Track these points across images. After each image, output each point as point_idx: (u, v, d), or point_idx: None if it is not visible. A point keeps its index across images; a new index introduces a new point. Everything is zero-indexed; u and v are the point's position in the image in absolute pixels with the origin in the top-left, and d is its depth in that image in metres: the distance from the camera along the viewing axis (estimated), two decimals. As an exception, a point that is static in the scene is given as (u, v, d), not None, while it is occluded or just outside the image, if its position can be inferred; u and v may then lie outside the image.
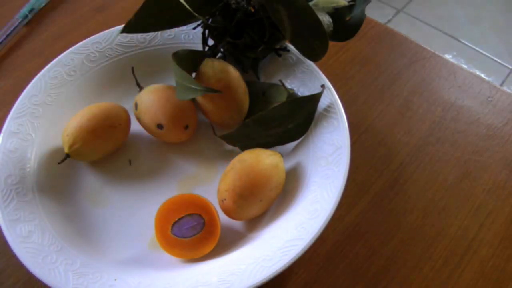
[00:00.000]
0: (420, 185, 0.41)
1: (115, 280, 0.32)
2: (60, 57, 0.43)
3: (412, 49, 0.51)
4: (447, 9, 1.52)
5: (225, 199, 0.34)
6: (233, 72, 0.39)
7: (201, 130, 0.42)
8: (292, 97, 0.40)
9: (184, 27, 0.45)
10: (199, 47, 0.44)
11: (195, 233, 0.34)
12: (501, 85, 1.32)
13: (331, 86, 0.40)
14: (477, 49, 1.40)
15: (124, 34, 0.44)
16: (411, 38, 0.52)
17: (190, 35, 0.45)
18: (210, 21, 0.40)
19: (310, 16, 0.34)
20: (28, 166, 0.37)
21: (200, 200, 0.34)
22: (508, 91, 0.48)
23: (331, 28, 0.38)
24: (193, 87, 0.34)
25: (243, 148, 0.38)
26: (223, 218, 0.35)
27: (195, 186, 0.39)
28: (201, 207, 0.34)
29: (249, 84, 0.41)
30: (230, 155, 0.40)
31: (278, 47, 0.42)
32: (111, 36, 0.44)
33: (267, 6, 0.36)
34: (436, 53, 0.51)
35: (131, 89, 0.43)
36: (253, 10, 0.39)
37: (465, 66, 0.51)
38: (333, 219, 0.34)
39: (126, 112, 0.40)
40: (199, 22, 0.41)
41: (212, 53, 0.41)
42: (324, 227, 0.32)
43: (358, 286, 0.36)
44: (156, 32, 0.45)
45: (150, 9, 0.35)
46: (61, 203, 0.37)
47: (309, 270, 0.36)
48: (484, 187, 0.41)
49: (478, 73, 0.72)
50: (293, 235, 0.32)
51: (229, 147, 0.41)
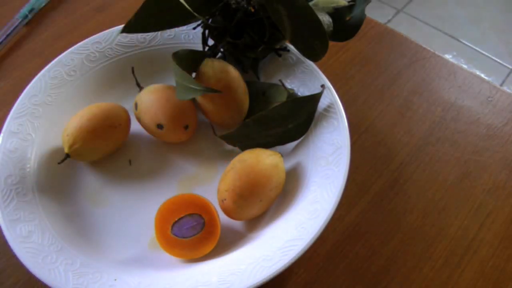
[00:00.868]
0: (420, 185, 0.41)
1: (115, 280, 0.32)
2: (60, 57, 0.43)
3: (412, 49, 0.51)
4: (447, 9, 1.52)
5: (225, 199, 0.34)
6: (233, 72, 0.39)
7: (201, 130, 0.42)
8: (292, 97, 0.40)
9: (184, 27, 0.45)
10: (199, 47, 0.44)
11: (195, 233, 0.34)
12: (501, 85, 1.32)
13: (331, 86, 0.40)
14: (477, 49, 1.40)
15: (124, 34, 0.44)
16: (411, 38, 0.52)
17: (190, 35, 0.45)
18: (210, 21, 0.40)
19: (310, 16, 0.34)
20: (28, 166, 0.37)
21: (200, 200, 0.34)
22: (508, 91, 0.48)
23: (331, 28, 0.38)
24: (193, 87, 0.34)
25: (243, 148, 0.38)
26: (223, 218, 0.35)
27: (195, 186, 0.39)
28: (201, 207, 0.34)
29: (249, 84, 0.41)
30: (230, 155, 0.40)
31: (278, 47, 0.42)
32: (111, 36, 0.44)
33: (267, 6, 0.36)
34: (436, 53, 0.51)
35: (131, 89, 0.43)
36: (253, 10, 0.39)
37: (465, 66, 0.51)
38: (333, 219, 0.34)
39: (126, 112, 0.40)
40: (199, 22, 0.41)
41: (212, 53, 0.41)
42: (324, 227, 0.32)
43: (358, 286, 0.36)
44: (156, 32, 0.45)
45: (150, 9, 0.35)
46: (61, 203, 0.37)
47: (309, 270, 0.36)
48: (484, 187, 0.41)
49: (478, 73, 0.72)
50: (293, 235, 0.32)
51: (229, 147, 0.41)
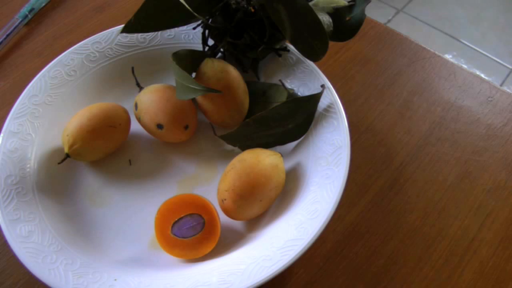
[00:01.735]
0: (420, 185, 0.41)
1: (115, 280, 0.32)
2: (60, 57, 0.43)
3: (412, 49, 0.51)
4: (447, 9, 1.52)
5: (225, 199, 0.34)
6: (233, 72, 0.39)
7: (201, 130, 0.42)
8: (292, 97, 0.40)
9: (184, 27, 0.45)
10: (199, 47, 0.44)
11: (195, 233, 0.34)
12: (501, 85, 1.32)
13: (331, 86, 0.40)
14: (477, 49, 1.40)
15: (124, 34, 0.44)
16: (411, 38, 0.52)
17: (190, 35, 0.45)
18: (210, 21, 0.40)
19: (310, 16, 0.34)
20: (28, 166, 0.37)
21: (200, 200, 0.34)
22: (508, 91, 0.48)
23: (331, 28, 0.38)
24: (193, 87, 0.34)
25: (243, 148, 0.38)
26: (223, 218, 0.35)
27: (195, 186, 0.39)
28: (201, 207, 0.34)
29: (249, 84, 0.41)
30: (230, 155, 0.40)
31: (278, 47, 0.42)
32: (111, 36, 0.44)
33: (267, 6, 0.36)
34: (436, 53, 0.51)
35: (131, 89, 0.44)
36: (253, 10, 0.39)
37: (465, 66, 0.51)
38: (333, 219, 0.34)
39: (126, 112, 0.40)
40: (199, 22, 0.41)
41: (212, 53, 0.41)
42: (324, 227, 0.32)
43: (358, 286, 0.36)
44: (156, 32, 0.45)
45: (150, 9, 0.35)
46: (61, 203, 0.37)
47: (309, 270, 0.36)
48: (484, 187, 0.41)
49: (478, 73, 0.72)
50: (293, 235, 0.32)
51: (229, 147, 0.41)
